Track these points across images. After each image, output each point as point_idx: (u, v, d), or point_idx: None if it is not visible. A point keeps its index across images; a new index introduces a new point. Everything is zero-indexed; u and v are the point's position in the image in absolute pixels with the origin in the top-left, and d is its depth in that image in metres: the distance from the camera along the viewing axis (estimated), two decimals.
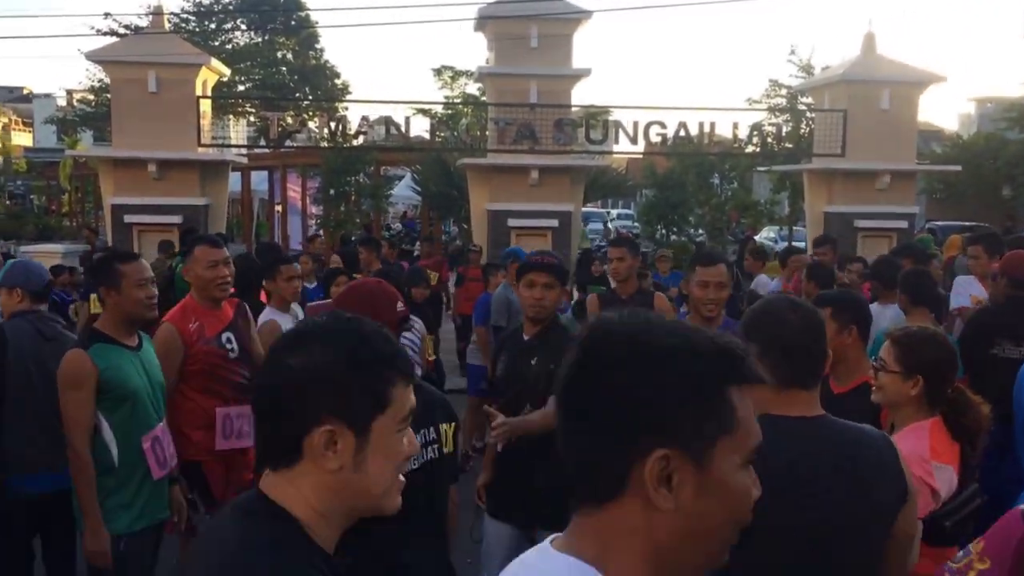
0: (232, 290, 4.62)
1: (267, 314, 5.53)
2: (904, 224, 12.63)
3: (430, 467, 2.82)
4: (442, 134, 15.70)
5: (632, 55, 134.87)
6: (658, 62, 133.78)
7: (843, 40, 76.86)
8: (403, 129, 12.69)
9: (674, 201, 21.41)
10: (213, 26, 38.57)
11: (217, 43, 36.83)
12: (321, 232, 22.76)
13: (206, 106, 12.12)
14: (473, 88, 34.56)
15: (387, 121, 12.82)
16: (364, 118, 12.69)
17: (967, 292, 6.17)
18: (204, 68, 11.85)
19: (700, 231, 25.43)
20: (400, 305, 2.88)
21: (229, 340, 4.38)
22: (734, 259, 19.52)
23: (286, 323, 5.51)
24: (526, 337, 3.93)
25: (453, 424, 2.95)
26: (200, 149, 11.88)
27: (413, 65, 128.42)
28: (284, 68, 40.70)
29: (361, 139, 13.97)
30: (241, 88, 37.17)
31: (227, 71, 13.39)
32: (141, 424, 3.70)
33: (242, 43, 38.94)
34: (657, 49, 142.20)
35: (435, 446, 2.85)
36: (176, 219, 11.44)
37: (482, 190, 12.59)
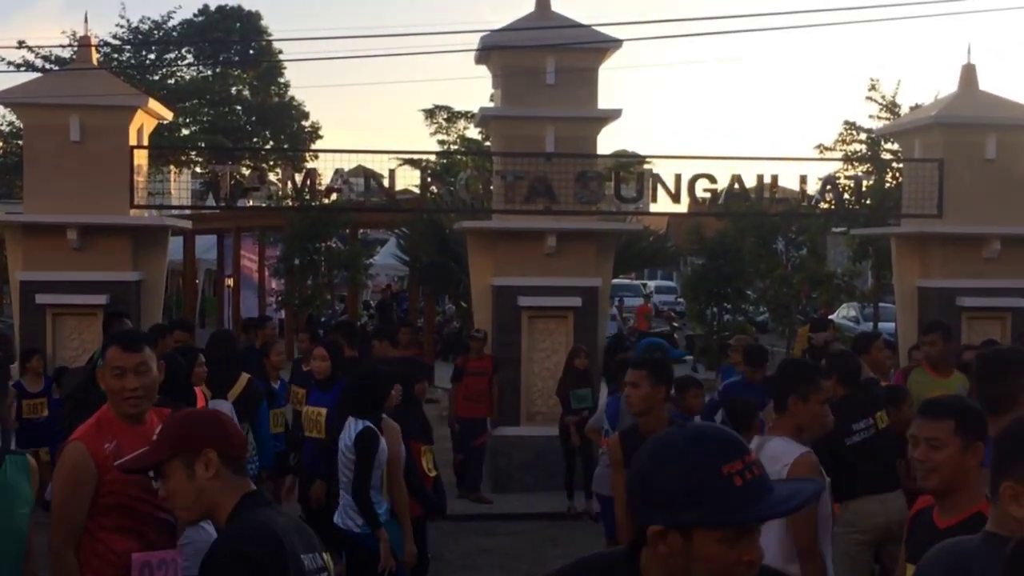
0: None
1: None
2: (1022, 302, 12.58)
3: None
4: (435, 190, 15.88)
5: (673, 91, 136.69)
6: (705, 100, 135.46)
7: (936, 73, 77.77)
8: (387, 183, 12.80)
9: (727, 272, 21.44)
10: (152, 57, 39.39)
11: (157, 77, 37.56)
12: (283, 312, 22.85)
13: (142, 157, 12.25)
14: (474, 133, 35.04)
15: (367, 173, 12.92)
16: (338, 170, 12.83)
17: None
18: (140, 111, 12.01)
19: (761, 309, 25.41)
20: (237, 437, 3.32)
21: None
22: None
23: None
24: None
25: (330, 554, 3.26)
26: (133, 211, 11.96)
27: (400, 104, 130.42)
28: (239, 107, 41.46)
29: (334, 196, 14.11)
30: (186, 132, 37.81)
31: (169, 114, 13.57)
32: None
33: (188, 77, 39.72)
34: (704, 84, 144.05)
35: (324, 574, 3.12)
36: (101, 299, 11.43)
37: (485, 260, 12.63)
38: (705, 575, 2.12)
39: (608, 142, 76.54)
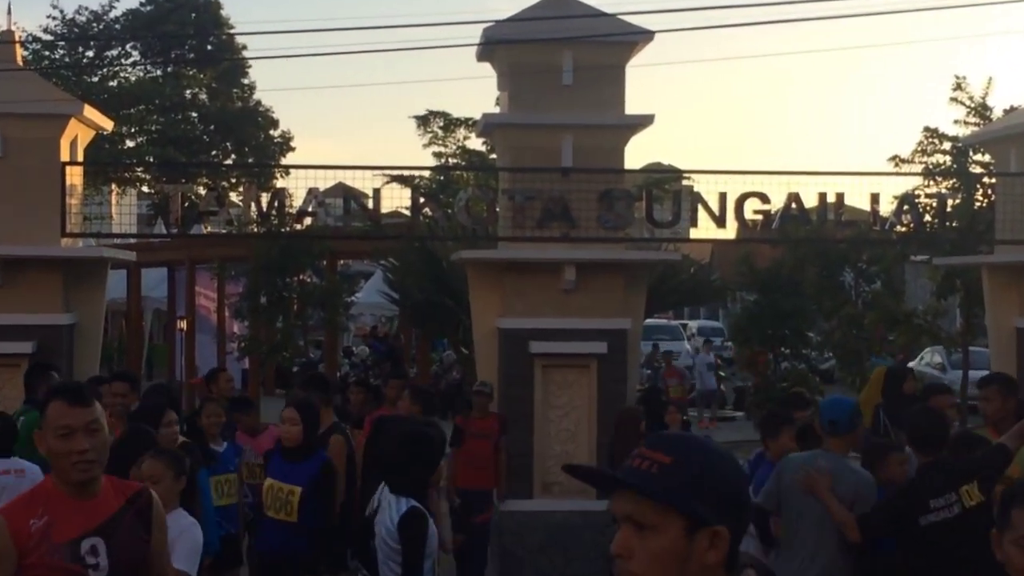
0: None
1: None
2: None
3: None
4: (429, 213, 15.88)
5: (716, 93, 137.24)
6: (756, 104, 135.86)
7: None
8: (371, 205, 12.82)
9: (785, 309, 21.41)
10: (91, 55, 39.68)
11: (96, 79, 37.78)
12: (246, 361, 22.84)
13: (76, 176, 12.30)
14: (476, 144, 35.18)
15: (347, 193, 12.94)
16: (312, 190, 12.84)
17: None
18: (74, 120, 12.08)
19: (826, 355, 25.32)
20: None
21: (93, 551, 4.23)
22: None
23: None
24: None
25: None
26: (65, 240, 12.02)
27: (387, 110, 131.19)
28: (195, 114, 41.67)
29: (308, 221, 14.13)
30: (130, 144, 38.00)
31: (109, 123, 13.65)
32: None
33: (133, 79, 39.97)
34: (754, 85, 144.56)
35: None
36: (26, 347, 11.46)
37: (490, 297, 12.64)
38: None
39: (638, 154, 76.72)
